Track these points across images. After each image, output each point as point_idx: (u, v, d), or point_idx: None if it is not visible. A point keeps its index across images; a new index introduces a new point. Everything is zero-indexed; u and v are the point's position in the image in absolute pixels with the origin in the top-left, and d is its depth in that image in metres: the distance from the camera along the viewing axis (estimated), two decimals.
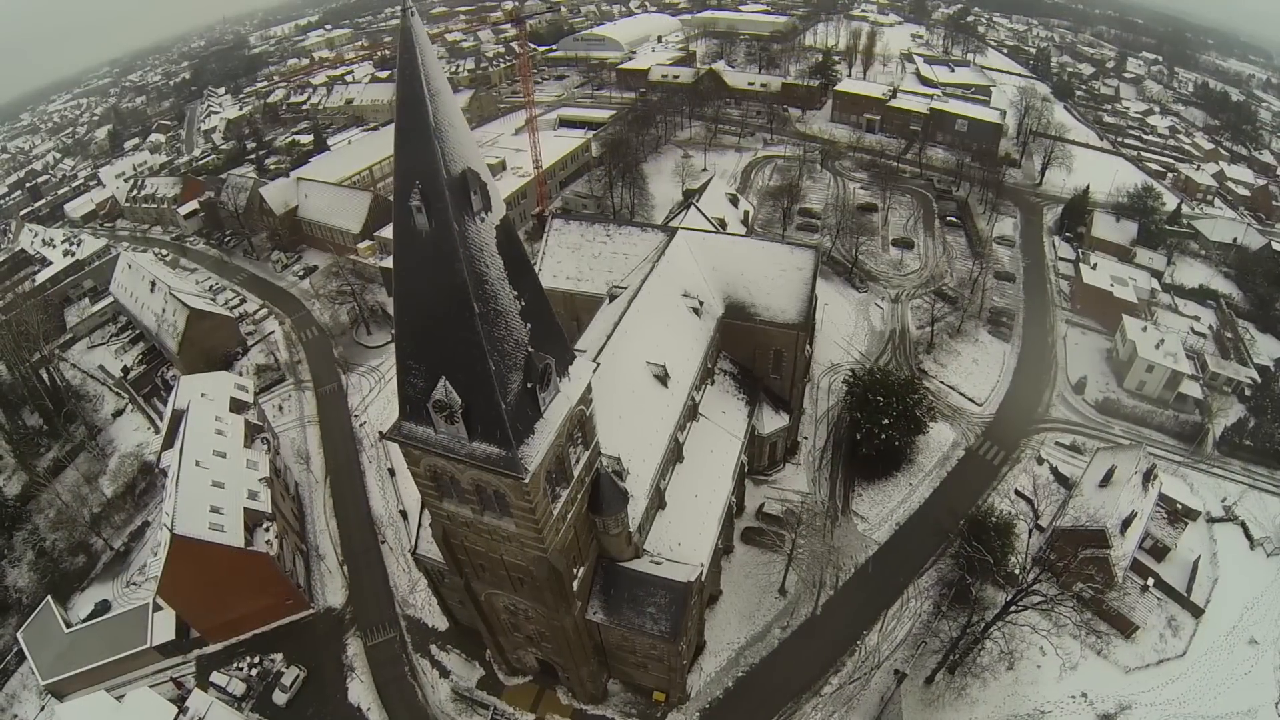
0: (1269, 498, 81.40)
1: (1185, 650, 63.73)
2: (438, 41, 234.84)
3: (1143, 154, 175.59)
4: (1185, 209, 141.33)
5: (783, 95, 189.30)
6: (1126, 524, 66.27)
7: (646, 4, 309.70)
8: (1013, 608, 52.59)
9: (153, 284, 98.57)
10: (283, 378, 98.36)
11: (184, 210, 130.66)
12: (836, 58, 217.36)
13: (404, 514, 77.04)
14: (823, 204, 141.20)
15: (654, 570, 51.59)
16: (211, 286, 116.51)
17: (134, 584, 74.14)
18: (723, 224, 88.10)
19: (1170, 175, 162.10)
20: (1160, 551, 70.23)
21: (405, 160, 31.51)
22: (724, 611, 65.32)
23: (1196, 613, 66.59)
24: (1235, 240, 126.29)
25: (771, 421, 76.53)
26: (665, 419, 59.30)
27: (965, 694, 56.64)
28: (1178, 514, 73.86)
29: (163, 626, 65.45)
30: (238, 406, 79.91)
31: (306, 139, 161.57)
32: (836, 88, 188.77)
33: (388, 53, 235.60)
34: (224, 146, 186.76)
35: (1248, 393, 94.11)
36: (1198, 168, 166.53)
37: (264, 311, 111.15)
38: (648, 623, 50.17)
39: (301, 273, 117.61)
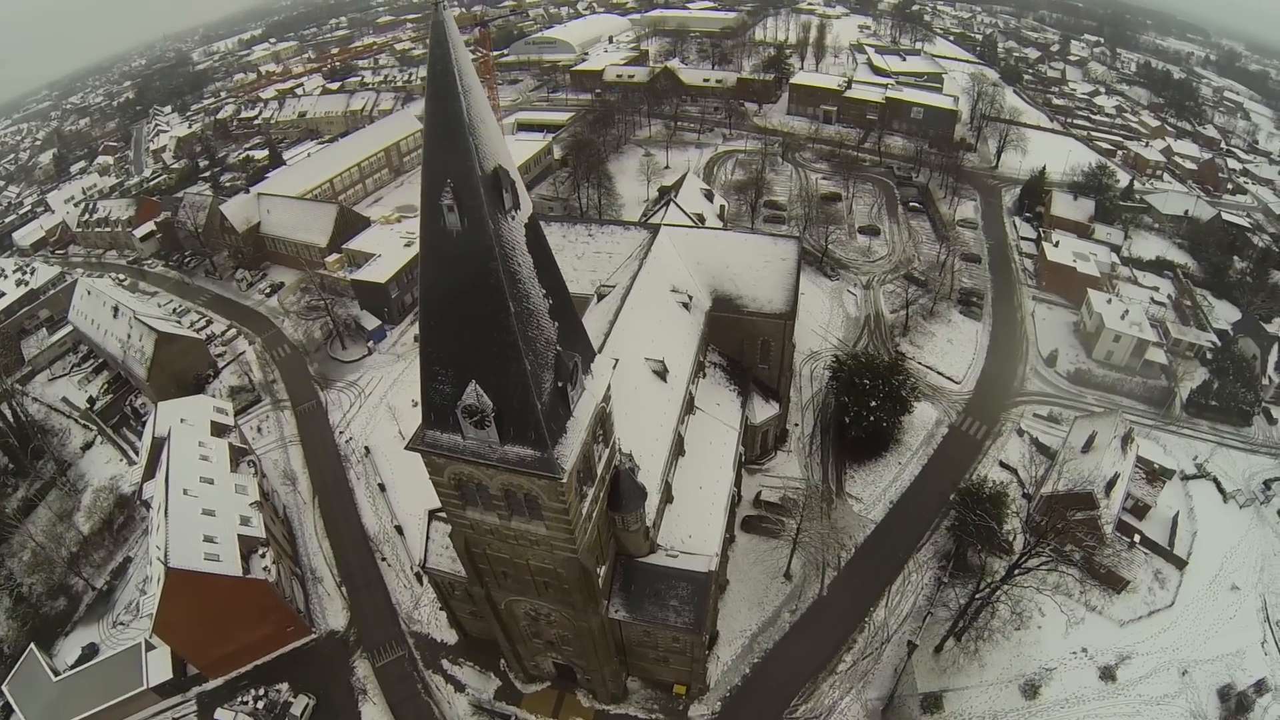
0: (1236, 454, 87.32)
1: (1173, 601, 68.24)
2: (386, 51, 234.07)
3: (1092, 134, 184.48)
4: (1137, 185, 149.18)
5: (738, 90, 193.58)
6: (1110, 486, 70.55)
7: (595, 5, 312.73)
8: (1017, 570, 55.76)
9: (115, 309, 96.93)
10: (258, 398, 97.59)
11: (140, 232, 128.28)
12: (789, 51, 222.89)
13: (399, 529, 77.31)
14: (787, 196, 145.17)
15: (672, 563, 53.14)
16: (175, 309, 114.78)
17: (121, 624, 72.77)
18: (701, 219, 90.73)
19: (1120, 153, 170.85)
20: (1141, 510, 74.84)
21: (436, 158, 31.60)
22: (733, 600, 67.43)
23: (1180, 565, 71.26)
24: (1186, 212, 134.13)
25: (762, 410, 79.11)
26: (668, 413, 61.23)
27: (975, 658, 59.80)
28: (1155, 474, 78.92)
29: (158, 666, 64.23)
30: (219, 430, 79.21)
31: (261, 154, 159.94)
32: (791, 81, 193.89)
33: (337, 64, 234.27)
34: (176, 165, 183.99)
35: (1209, 356, 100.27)
36: (1146, 145, 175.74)
37: (232, 332, 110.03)
38: (670, 616, 51.65)
39: (268, 290, 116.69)
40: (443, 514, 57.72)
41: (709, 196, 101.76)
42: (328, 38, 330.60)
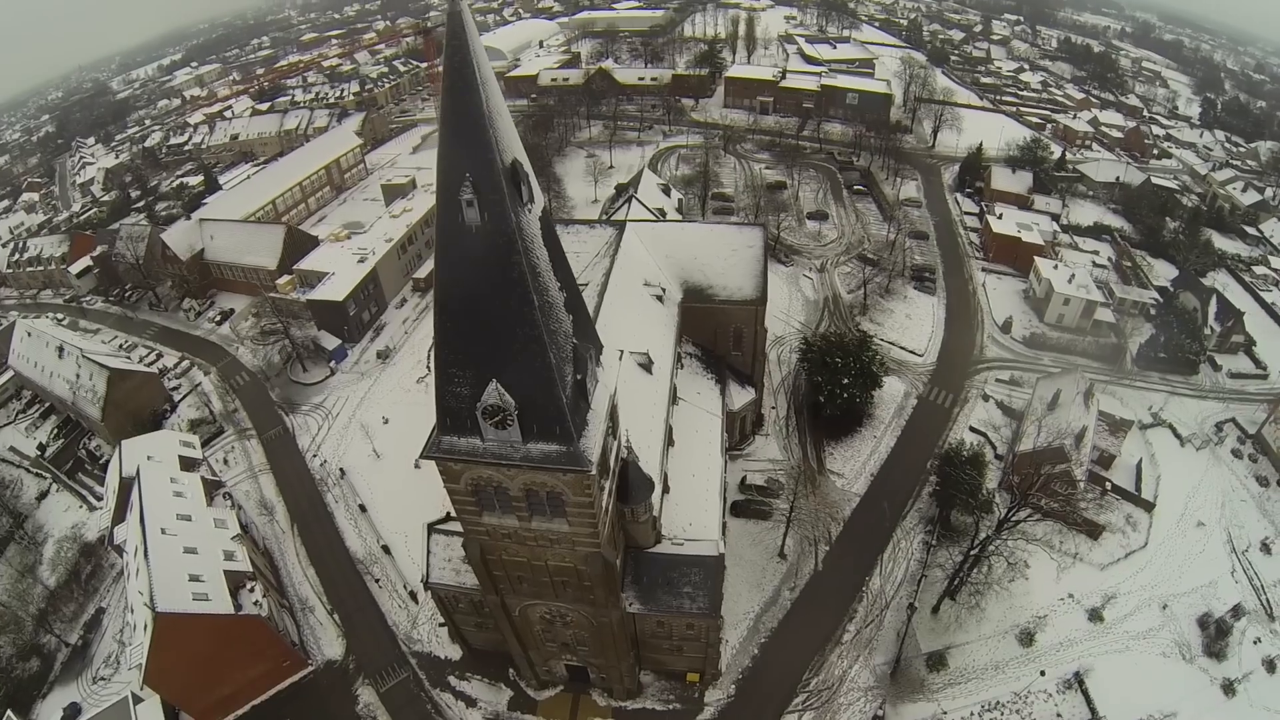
0: (1187, 400, 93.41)
1: (1146, 542, 72.84)
2: (314, 68, 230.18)
3: (1021, 109, 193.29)
4: (1069, 156, 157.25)
5: (674, 87, 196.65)
6: (1079, 439, 74.68)
7: (520, 11, 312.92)
8: (1006, 525, 58.85)
9: (60, 349, 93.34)
10: (221, 429, 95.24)
11: (75, 269, 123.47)
12: (720, 45, 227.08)
13: (386, 549, 76.46)
14: (734, 187, 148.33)
15: (680, 550, 54.23)
16: (121, 345, 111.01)
17: (102, 679, 69.83)
18: (662, 213, 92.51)
19: (1050, 126, 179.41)
20: (1107, 460, 79.36)
21: (454, 152, 31.55)
22: (733, 584, 68.81)
23: (1149, 508, 76.09)
24: (1118, 179, 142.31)
25: (740, 396, 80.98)
26: (657, 405, 62.53)
27: (973, 613, 62.76)
28: (1116, 425, 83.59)
29: (149, 718, 61.50)
30: (188, 464, 77.40)
31: (196, 180, 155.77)
32: (726, 74, 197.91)
33: (265, 85, 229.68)
34: (106, 198, 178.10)
35: (1153, 312, 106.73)
36: (1074, 117, 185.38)
37: (185, 364, 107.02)
38: (685, 603, 52.71)
39: (218, 318, 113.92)
40: (442, 527, 58.30)
41: (666, 191, 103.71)
42: (252, 58, 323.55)
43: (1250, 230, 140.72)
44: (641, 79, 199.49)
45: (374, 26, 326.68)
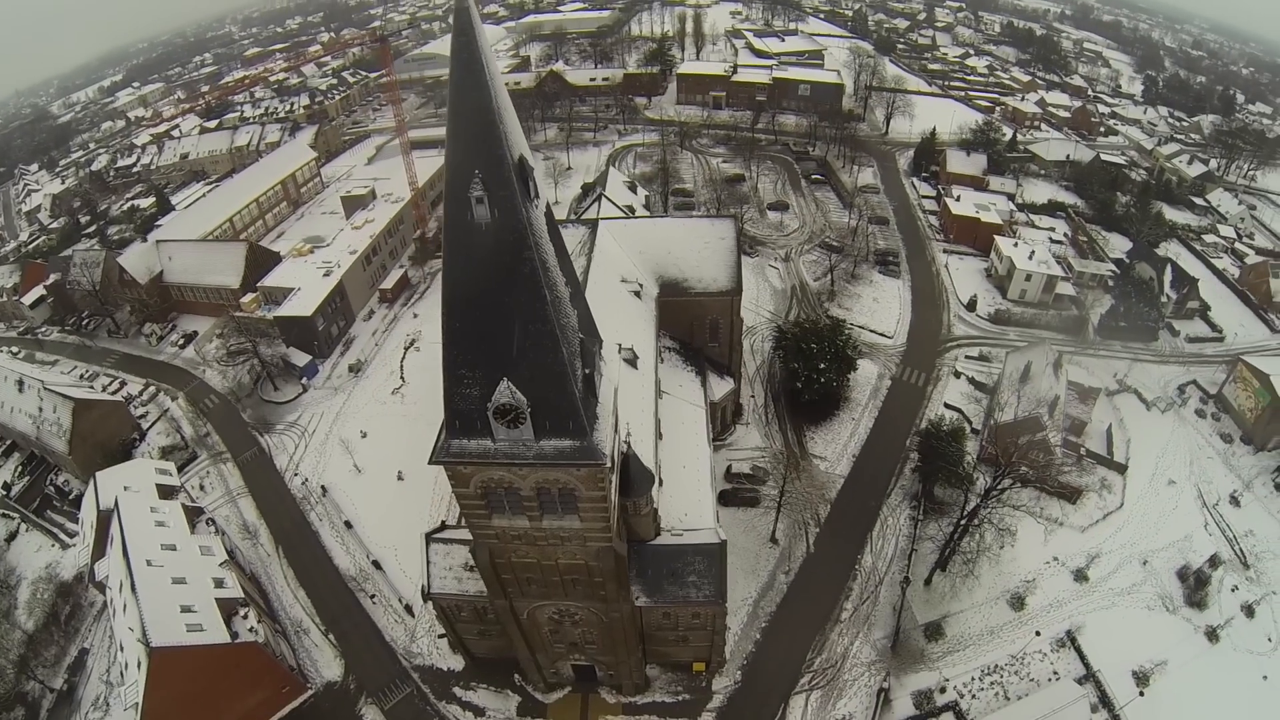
0: (1150, 366, 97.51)
1: (1122, 502, 75.89)
2: (260, 83, 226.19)
3: (969, 93, 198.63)
4: (1020, 137, 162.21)
5: (626, 86, 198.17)
6: (1052, 408, 77.40)
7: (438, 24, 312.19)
8: (993, 494, 60.85)
9: (20, 383, 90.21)
10: (194, 455, 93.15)
11: (28, 299, 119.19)
12: (670, 43, 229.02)
13: (376, 564, 75.46)
14: (693, 182, 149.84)
15: (681, 540, 54.79)
16: (82, 375, 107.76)
17: None
18: (631, 210, 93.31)
19: (999, 109, 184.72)
20: (1079, 427, 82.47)
21: (462, 149, 31.44)
22: (729, 571, 69.22)
23: (1121, 470, 79.24)
24: (1068, 157, 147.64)
25: (719, 387, 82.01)
26: (645, 399, 63.16)
27: (965, 582, 64.56)
28: (1085, 393, 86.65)
29: None
30: (166, 492, 75.58)
31: (147, 202, 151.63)
32: (678, 71, 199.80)
33: (211, 102, 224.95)
34: (54, 225, 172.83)
35: (1111, 284, 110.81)
36: (1022, 99, 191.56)
37: (151, 390, 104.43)
38: (691, 592, 53.30)
39: (181, 341, 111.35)
40: (440, 536, 58.17)
41: (633, 188, 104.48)
42: (195, 76, 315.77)
43: (1198, 201, 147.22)
44: (593, 79, 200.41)
45: (318, 39, 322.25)
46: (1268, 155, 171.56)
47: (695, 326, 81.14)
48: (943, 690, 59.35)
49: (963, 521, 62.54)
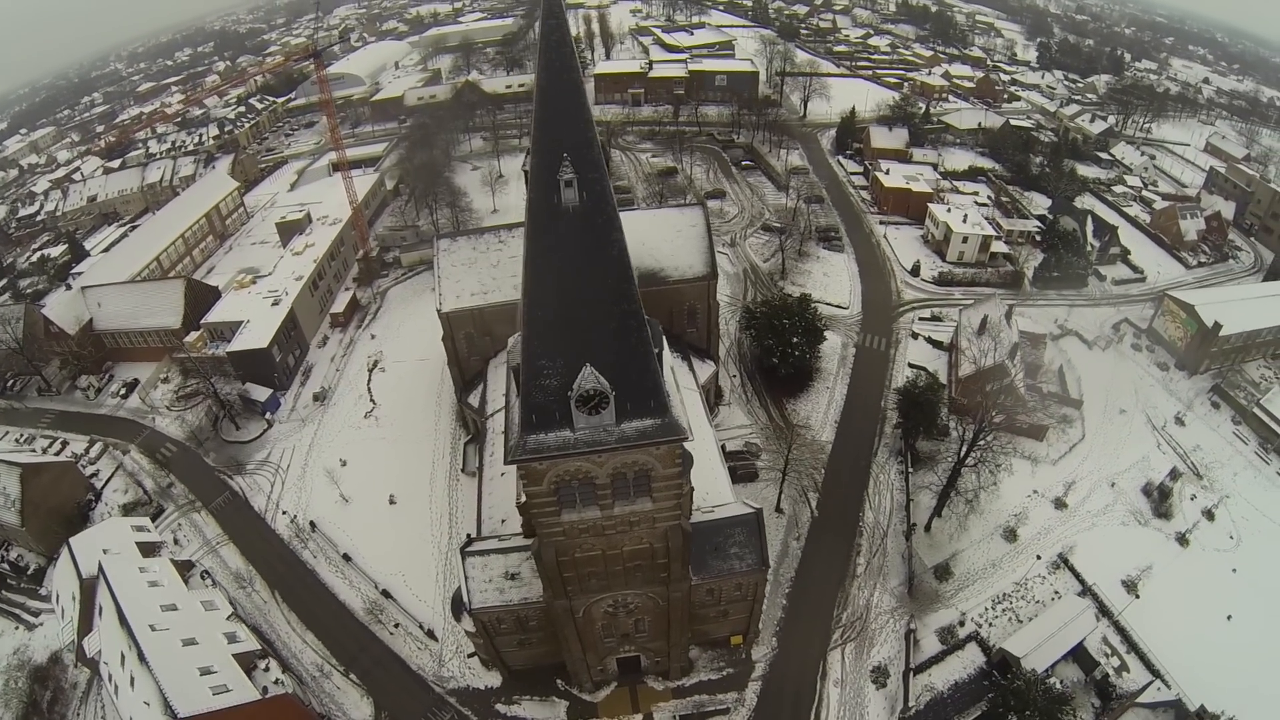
0: (1085, 310, 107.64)
1: (1083, 434, 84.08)
2: (159, 119, 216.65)
3: (876, 72, 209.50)
4: (932, 109, 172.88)
5: None
6: (1012, 355, 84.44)
7: (365, 36, 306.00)
8: (982, 435, 66.60)
9: None
10: (160, 508, 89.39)
11: None
12: (579, 45, 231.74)
13: (386, 594, 74.01)
14: (627, 179, 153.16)
15: (715, 516, 56.90)
16: (17, 440, 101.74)
17: None
18: None
19: (907, 84, 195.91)
20: (1034, 369, 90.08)
21: (551, 132, 31.46)
22: None
23: (1078, 405, 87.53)
24: (979, 124, 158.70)
25: (702, 371, 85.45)
26: None
27: (964, 523, 70.50)
28: (1034, 339, 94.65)
29: None
30: (149, 550, 73.09)
31: (59, 250, 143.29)
32: (594, 72, 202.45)
33: (111, 140, 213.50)
34: None
35: (1038, 238, 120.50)
36: (929, 73, 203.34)
37: (98, 446, 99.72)
38: (735, 563, 55.83)
39: (122, 391, 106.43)
40: (475, 549, 57.62)
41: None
42: (88, 116, 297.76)
43: (1104, 155, 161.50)
44: (510, 86, 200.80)
45: (214, 69, 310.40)
46: (1159, 108, 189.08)
47: (674, 313, 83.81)
48: (962, 624, 64.87)
49: (960, 465, 67.98)
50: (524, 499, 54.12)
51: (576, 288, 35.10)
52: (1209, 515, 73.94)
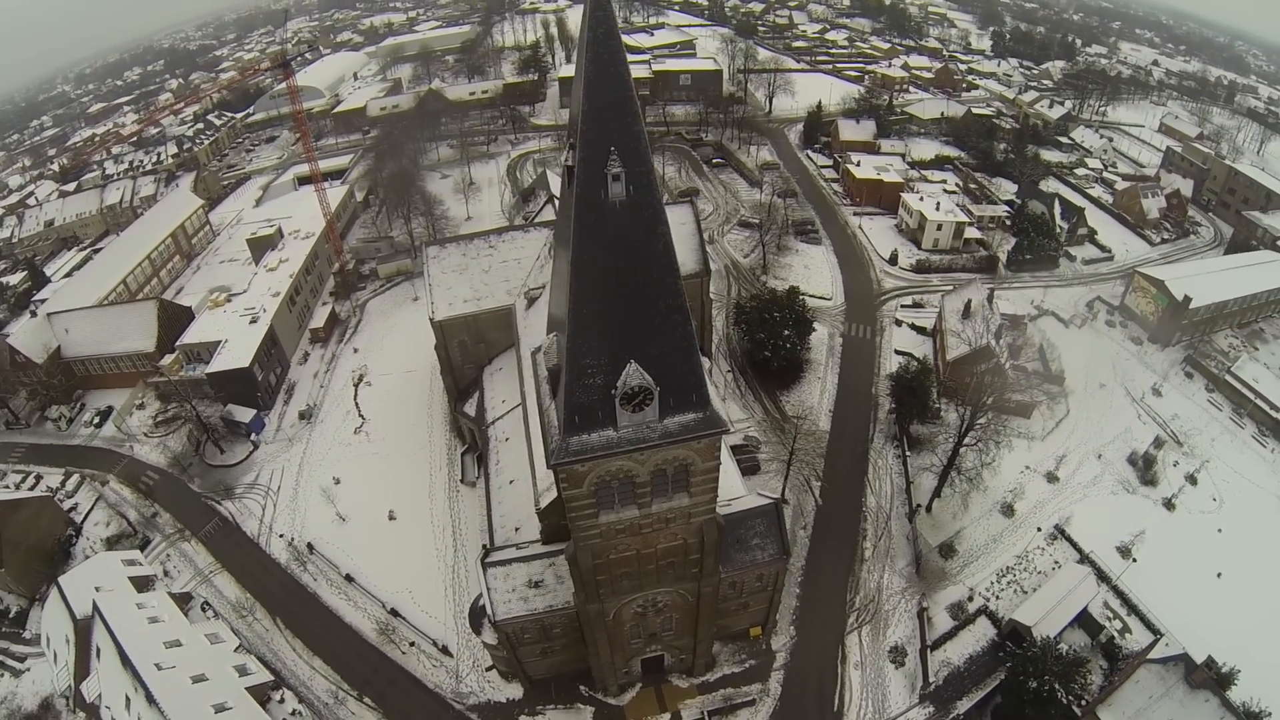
0: (1058, 290, 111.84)
1: (1068, 410, 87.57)
2: (112, 139, 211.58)
3: (837, 65, 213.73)
4: (896, 101, 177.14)
5: (508, 96, 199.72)
6: (997, 336, 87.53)
7: (320, 48, 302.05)
8: (979, 415, 69.20)
9: None
10: (146, 539, 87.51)
11: None
12: (541, 50, 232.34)
13: (394, 612, 73.23)
14: None
15: (733, 509, 57.29)
16: None
17: None
18: None
19: (868, 77, 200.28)
20: (1017, 350, 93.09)
21: (598, 125, 31.06)
22: None
23: (1060, 382, 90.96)
24: (942, 114, 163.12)
25: None
26: None
27: (965, 501, 73.20)
28: (1014, 321, 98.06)
29: None
30: (143, 584, 71.09)
31: (17, 277, 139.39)
32: (558, 77, 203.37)
33: (64, 164, 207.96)
34: None
35: (1009, 223, 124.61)
36: (889, 65, 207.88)
37: (75, 479, 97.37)
38: (757, 554, 57.05)
39: (95, 420, 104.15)
40: (495, 559, 57.41)
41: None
42: (38, 140, 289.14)
43: (1064, 140, 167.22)
44: (473, 93, 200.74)
45: (167, 86, 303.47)
46: (1113, 92, 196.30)
47: None
48: (971, 599, 67.39)
49: (960, 444, 70.51)
50: (543, 505, 55.49)
51: (623, 283, 35.14)
52: (1192, 480, 77.90)
